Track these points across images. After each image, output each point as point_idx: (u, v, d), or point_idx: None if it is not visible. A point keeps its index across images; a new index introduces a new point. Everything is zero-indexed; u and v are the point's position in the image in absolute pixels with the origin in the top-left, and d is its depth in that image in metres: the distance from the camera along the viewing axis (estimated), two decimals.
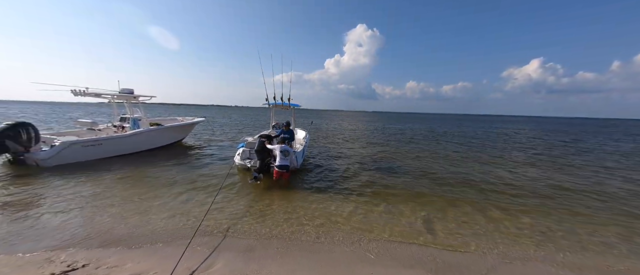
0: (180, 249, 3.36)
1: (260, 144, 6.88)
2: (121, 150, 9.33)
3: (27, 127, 7.60)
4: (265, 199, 5.51)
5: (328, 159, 10.28)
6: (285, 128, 8.30)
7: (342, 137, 18.74)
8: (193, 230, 3.84)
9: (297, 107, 10.69)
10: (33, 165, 7.46)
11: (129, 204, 4.95)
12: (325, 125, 32.07)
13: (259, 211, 4.84)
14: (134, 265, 3.01)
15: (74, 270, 2.81)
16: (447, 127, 35.20)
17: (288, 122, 12.20)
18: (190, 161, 9.24)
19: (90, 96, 9.32)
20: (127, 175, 7.00)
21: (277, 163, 6.20)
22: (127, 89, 10.44)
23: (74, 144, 7.98)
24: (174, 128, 11.93)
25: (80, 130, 10.31)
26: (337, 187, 6.58)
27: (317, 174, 7.88)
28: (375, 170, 8.68)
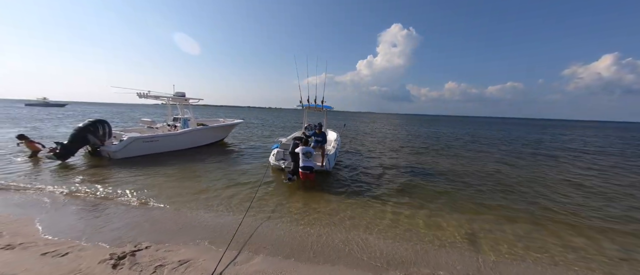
0: (224, 240, 3.65)
1: (294, 146, 7.11)
2: (173, 147, 10.48)
3: (103, 123, 9.02)
4: (299, 199, 5.67)
5: (361, 162, 10.13)
6: (317, 131, 8.33)
7: (375, 140, 18.30)
8: (235, 224, 4.13)
9: (330, 109, 10.79)
10: (106, 157, 8.81)
11: (180, 195, 5.52)
12: (357, 127, 31.70)
13: (294, 211, 5.00)
14: (186, 250, 3.37)
15: (139, 250, 3.26)
16: (492, 131, 31.91)
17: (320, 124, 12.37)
18: (230, 159, 9.94)
19: (151, 98, 10.70)
20: (178, 169, 7.83)
21: (300, 164, 6.33)
22: (180, 92, 11.70)
23: (137, 139, 9.21)
24: (217, 128, 12.99)
25: (142, 127, 11.85)
26: (372, 191, 6.45)
27: (350, 177, 7.83)
28: (411, 175, 8.28)
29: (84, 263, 2.94)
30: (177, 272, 2.89)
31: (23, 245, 3.24)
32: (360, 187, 6.73)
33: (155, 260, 3.08)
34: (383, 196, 6.09)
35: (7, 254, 3.05)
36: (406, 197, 6.11)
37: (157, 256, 3.18)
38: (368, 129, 31.18)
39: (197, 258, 3.17)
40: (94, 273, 2.78)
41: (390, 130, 29.54)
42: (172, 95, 11.41)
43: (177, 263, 3.04)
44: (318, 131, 8.30)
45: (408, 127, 37.22)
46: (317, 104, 9.91)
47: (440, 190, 6.75)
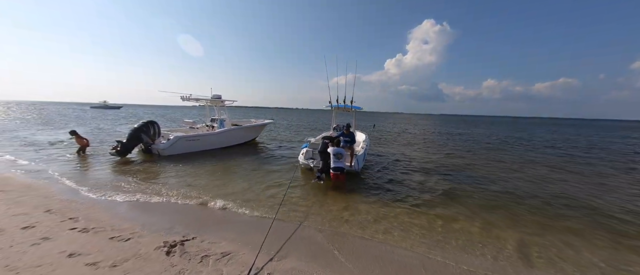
0: (259, 235, 3.83)
1: (323, 145, 7.17)
2: (211, 145, 11.29)
3: (154, 124, 10.06)
4: (328, 198, 5.72)
5: (390, 164, 9.84)
6: (345, 131, 8.26)
7: (404, 141, 17.62)
8: (268, 222, 4.30)
9: (359, 109, 10.66)
10: (155, 154, 9.81)
11: (218, 191, 5.92)
12: (385, 128, 30.84)
13: (323, 211, 5.04)
14: (227, 243, 3.60)
15: (187, 240, 3.58)
16: (542, 132, 28.53)
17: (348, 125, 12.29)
18: (262, 158, 10.38)
19: (192, 101, 11.65)
20: (216, 166, 8.41)
21: (331, 165, 6.33)
22: (216, 94, 12.56)
23: (182, 138, 10.09)
24: (249, 128, 13.66)
25: (185, 128, 12.97)
26: (401, 194, 6.23)
27: (379, 178, 7.65)
28: (445, 180, 7.80)
29: (142, 248, 3.31)
30: (221, 263, 3.11)
31: (95, 229, 3.77)
32: (390, 190, 6.55)
33: (201, 250, 3.36)
34: (412, 200, 5.86)
35: (84, 236, 3.57)
36: (441, 204, 5.77)
37: (203, 247, 3.46)
38: (397, 129, 30.15)
39: (237, 251, 3.38)
40: (151, 258, 3.12)
41: (420, 132, 28.20)
42: (210, 97, 12.30)
43: (219, 255, 3.27)
44: (346, 131, 8.23)
45: (440, 128, 35.16)
46: (345, 105, 9.88)
47: (479, 197, 6.27)
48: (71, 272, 2.75)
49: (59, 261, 2.91)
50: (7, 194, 5.01)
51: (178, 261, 3.08)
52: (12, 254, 2.96)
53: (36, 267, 2.76)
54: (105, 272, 2.79)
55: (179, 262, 3.07)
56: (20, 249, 3.09)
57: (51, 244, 3.28)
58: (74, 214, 4.26)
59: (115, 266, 2.89)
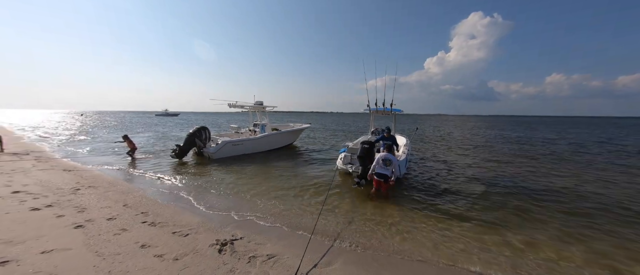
0: (301, 240, 3.87)
1: (362, 150, 6.97)
2: (253, 149, 11.98)
3: (205, 129, 11.12)
4: (368, 205, 5.51)
5: (434, 170, 9.09)
6: (386, 134, 7.85)
7: (449, 145, 16.18)
8: (309, 226, 4.32)
9: (399, 112, 10.16)
10: (206, 157, 10.80)
11: (261, 193, 6.20)
12: (426, 131, 28.86)
13: (364, 218, 4.88)
14: (271, 246, 3.71)
15: (236, 240, 3.79)
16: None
17: (388, 128, 11.81)
18: (301, 162, 10.60)
19: (237, 107, 12.58)
20: (258, 170, 8.85)
21: (376, 171, 5.88)
22: (259, 101, 13.34)
23: (228, 143, 10.94)
24: (288, 133, 14.14)
25: (231, 132, 14.05)
26: (447, 203, 5.67)
27: (422, 186, 7.10)
28: (500, 191, 6.86)
29: (199, 244, 3.61)
30: (266, 265, 3.20)
31: (161, 224, 4.26)
32: (435, 200, 6.02)
33: (249, 251, 3.51)
34: (462, 212, 5.27)
35: (152, 229, 4.06)
36: (501, 222, 5.07)
37: (250, 248, 3.61)
38: (440, 132, 27.96)
39: (281, 255, 3.44)
40: (206, 254, 3.37)
41: (469, 135, 25.64)
42: (253, 104, 13.12)
43: (265, 256, 3.37)
44: (387, 135, 7.85)
45: (493, 131, 31.46)
46: (385, 107, 9.50)
47: (540, 214, 5.32)
48: (143, 261, 3.12)
49: (134, 251, 3.35)
50: (97, 189, 6.03)
51: (229, 259, 3.27)
52: (100, 242, 3.51)
53: (116, 255, 3.21)
54: (169, 264, 3.10)
55: (229, 260, 3.25)
56: (105, 238, 3.64)
57: (128, 234, 3.80)
58: (145, 209, 4.90)
59: (177, 259, 3.19)
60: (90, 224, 4.06)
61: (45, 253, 3.11)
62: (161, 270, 2.94)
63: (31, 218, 4.12)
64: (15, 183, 5.94)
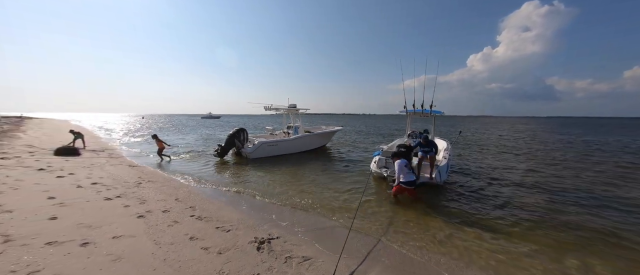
0: (336, 244, 3.82)
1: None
2: (287, 151, 12.34)
3: (244, 131, 11.83)
4: (405, 212, 5.25)
5: (480, 177, 8.23)
6: (423, 141, 7.09)
7: (498, 150, 14.52)
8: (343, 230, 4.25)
9: (440, 114, 9.47)
10: (244, 156, 11.46)
11: (295, 194, 6.34)
12: (470, 134, 26.45)
13: (402, 225, 4.65)
14: (306, 248, 3.74)
15: (272, 239, 3.91)
16: None
17: (426, 131, 11.11)
18: (333, 165, 10.57)
19: (272, 110, 13.13)
20: (291, 171, 9.07)
21: (402, 179, 5.64)
22: (292, 104, 13.73)
23: (264, 143, 11.46)
24: (321, 135, 14.25)
25: (266, 134, 14.71)
26: (492, 215, 5.07)
27: (465, 194, 6.48)
28: (560, 206, 5.91)
29: (239, 241, 3.81)
30: (302, 267, 3.23)
31: (206, 218, 4.62)
32: (483, 211, 5.44)
33: (285, 251, 3.58)
34: (511, 225, 4.67)
35: (199, 223, 4.42)
36: (560, 243, 4.35)
37: (286, 248, 3.69)
38: (485, 136, 25.37)
39: (316, 258, 3.44)
40: (246, 250, 3.54)
41: (521, 138, 22.77)
42: (287, 106, 13.55)
43: (301, 258, 3.40)
44: (424, 142, 7.06)
45: (552, 134, 27.48)
46: (424, 109, 8.94)
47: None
48: (191, 252, 3.41)
49: (184, 242, 3.68)
50: (154, 183, 6.82)
51: (267, 258, 3.38)
52: (156, 232, 3.94)
53: (170, 245, 3.56)
54: (213, 257, 3.32)
55: (267, 259, 3.36)
56: (161, 228, 4.07)
57: (180, 226, 4.19)
58: (193, 204, 5.37)
59: (220, 253, 3.41)
60: (150, 214, 4.59)
61: (115, 238, 3.59)
62: (207, 263, 3.17)
63: (105, 206, 4.82)
64: (93, 176, 7.04)
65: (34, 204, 4.62)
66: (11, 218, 3.92)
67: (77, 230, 3.71)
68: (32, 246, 3.17)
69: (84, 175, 6.96)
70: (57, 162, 8.48)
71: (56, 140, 13.65)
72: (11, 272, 2.64)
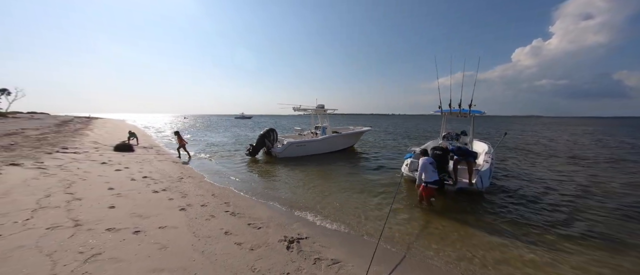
0: (365, 248, 3.71)
1: (434, 157, 6.25)
2: (315, 151, 12.42)
3: (273, 131, 12.20)
4: (442, 220, 4.89)
5: (529, 185, 7.34)
6: (457, 152, 6.57)
7: (550, 154, 12.84)
8: (373, 235, 4.13)
9: (480, 114, 8.68)
10: (274, 156, 11.82)
11: (325, 195, 6.33)
12: (516, 136, 23.86)
13: (438, 233, 4.35)
14: (335, 250, 3.69)
15: (302, 239, 3.94)
16: None
17: (464, 132, 10.28)
18: (362, 167, 10.35)
19: (301, 110, 13.33)
20: (320, 171, 9.10)
21: (426, 179, 5.36)
22: (320, 104, 13.80)
23: (292, 144, 11.69)
24: (349, 135, 14.08)
25: (295, 134, 15.00)
26: (545, 230, 4.44)
27: (509, 203, 5.82)
28: (628, 218, 4.96)
29: (270, 238, 3.91)
30: (332, 270, 3.19)
31: (239, 215, 4.84)
32: (530, 223, 4.82)
33: (314, 252, 3.58)
34: (568, 242, 3.99)
35: (233, 219, 4.65)
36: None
37: (315, 248, 3.69)
38: (534, 139, 22.68)
39: (346, 262, 3.37)
40: (276, 248, 3.62)
41: (581, 142, 19.89)
42: (315, 107, 13.66)
43: (330, 261, 3.36)
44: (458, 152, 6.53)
45: (618, 137, 23.49)
46: (461, 109, 8.28)
47: None
48: (226, 246, 3.58)
49: (219, 236, 3.89)
50: (194, 179, 7.38)
51: (296, 258, 3.41)
52: (196, 224, 4.23)
53: (207, 238, 3.80)
54: (246, 252, 3.46)
55: (297, 258, 3.39)
56: (200, 222, 4.37)
57: (216, 221, 4.45)
58: (227, 200, 5.68)
59: (252, 250, 3.54)
60: (190, 208, 4.96)
61: (161, 228, 3.95)
62: (240, 258, 3.30)
63: (153, 198, 5.34)
64: (144, 170, 7.87)
65: (97, 193, 5.31)
66: (80, 205, 4.55)
67: (130, 219, 4.16)
68: (96, 231, 3.63)
69: (136, 169, 7.81)
70: (116, 157, 9.67)
71: (115, 138, 15.59)
72: (79, 253, 3.05)
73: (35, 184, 5.45)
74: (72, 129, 20.68)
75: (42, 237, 3.32)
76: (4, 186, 5.08)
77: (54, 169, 6.81)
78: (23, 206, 4.22)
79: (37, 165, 7.03)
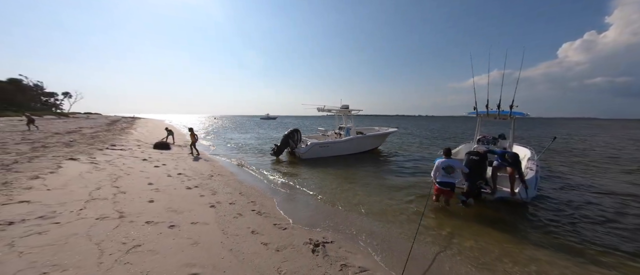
0: (396, 260, 3.51)
1: (470, 162, 5.77)
2: (338, 152, 12.27)
3: (297, 132, 12.30)
4: (479, 230, 4.47)
5: (583, 197, 6.44)
6: (507, 157, 5.65)
7: (610, 160, 11.20)
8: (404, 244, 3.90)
9: (523, 116, 7.84)
10: (297, 156, 11.91)
11: (350, 199, 6.17)
12: (563, 139, 21.36)
13: (475, 248, 3.96)
14: (362, 257, 3.54)
15: (327, 243, 3.85)
16: None
17: (502, 136, 9.44)
18: (387, 169, 9.98)
19: (325, 111, 13.29)
20: (345, 173, 8.93)
21: (439, 179, 5.39)
22: (345, 104, 13.62)
23: (316, 144, 11.67)
24: (373, 137, 13.71)
25: (319, 135, 15.00)
26: (600, 249, 3.80)
27: (559, 218, 5.13)
28: None
29: (295, 240, 3.89)
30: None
31: (265, 214, 4.91)
32: (587, 242, 4.16)
33: (340, 257, 3.47)
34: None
35: (259, 218, 4.72)
36: None
37: (340, 254, 3.57)
38: (588, 144, 20.08)
39: (374, 271, 3.22)
40: (301, 251, 3.58)
41: None
42: (340, 107, 13.51)
43: (358, 269, 3.23)
44: (508, 157, 5.64)
45: None
46: (500, 110, 7.56)
47: None
48: (253, 246, 3.63)
49: (247, 234, 3.96)
50: (223, 177, 7.70)
51: (322, 262, 3.33)
52: (225, 222, 4.37)
53: (235, 236, 3.88)
54: (272, 253, 3.46)
55: (322, 263, 3.30)
56: (228, 219, 4.50)
57: (243, 219, 4.56)
58: (253, 199, 5.81)
59: (278, 251, 3.53)
60: (219, 205, 5.14)
61: (193, 224, 4.13)
62: (266, 258, 3.31)
63: (187, 195, 5.65)
64: (179, 167, 8.41)
65: (139, 187, 5.76)
66: (124, 198, 4.96)
67: (166, 214, 4.43)
68: (136, 223, 3.91)
69: (172, 166, 8.38)
70: (155, 154, 10.49)
71: (154, 136, 16.99)
72: (122, 244, 3.29)
73: (88, 177, 6.08)
74: (119, 128, 23.00)
75: (92, 226, 3.66)
76: (64, 178, 5.74)
77: (103, 164, 7.57)
78: (78, 197, 4.72)
79: (91, 160, 7.87)
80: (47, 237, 3.27)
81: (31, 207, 4.09)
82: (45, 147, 9.48)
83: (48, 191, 4.88)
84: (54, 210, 4.03)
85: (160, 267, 2.86)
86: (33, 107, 53.13)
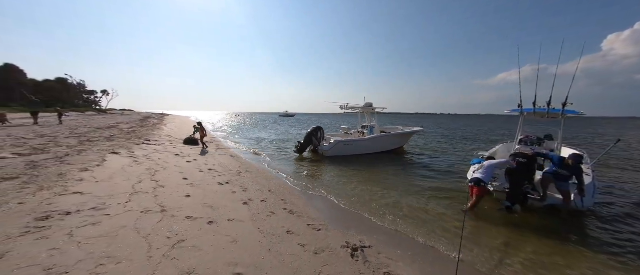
0: (444, 271, 3.29)
1: (519, 165, 5.29)
2: (362, 151, 12.01)
3: (321, 129, 12.22)
4: (532, 241, 4.07)
5: None
6: (569, 162, 4.88)
7: None
8: (448, 253, 3.65)
9: (576, 114, 7.05)
10: (320, 154, 11.82)
11: (380, 200, 5.97)
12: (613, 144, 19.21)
13: (527, 261, 3.60)
14: (404, 266, 3.33)
15: (365, 247, 3.70)
16: None
17: (549, 136, 8.66)
18: (414, 169, 9.56)
19: (348, 109, 13.04)
20: (370, 173, 8.69)
21: (472, 176, 5.33)
22: (368, 102, 13.28)
23: (339, 142, 11.50)
24: (398, 136, 13.25)
25: (341, 133, 14.80)
26: None
27: (619, 228, 4.51)
28: None
29: (332, 242, 3.78)
30: None
31: (297, 214, 4.85)
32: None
33: (382, 265, 3.30)
34: None
35: (292, 217, 4.67)
36: None
37: (381, 261, 3.40)
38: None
39: None
40: (340, 255, 3.45)
41: None
42: (363, 106, 13.20)
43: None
44: (571, 163, 4.86)
45: None
46: (550, 108, 6.86)
47: None
48: (290, 247, 3.57)
49: (282, 234, 3.92)
50: (251, 174, 7.81)
51: (363, 269, 3.18)
52: (259, 220, 4.37)
53: (272, 235, 3.85)
54: (311, 256, 3.37)
55: (364, 270, 3.15)
56: (262, 217, 4.50)
57: (276, 218, 4.53)
58: (283, 197, 5.79)
59: (316, 254, 3.44)
60: (251, 202, 5.18)
61: (230, 221, 4.17)
62: (306, 261, 3.23)
63: (220, 191, 5.77)
64: (209, 163, 8.67)
65: (175, 182, 5.98)
66: (164, 192, 5.16)
67: (203, 209, 4.52)
68: (178, 218, 4.02)
69: (203, 162, 8.66)
70: (186, 149, 10.94)
71: (183, 132, 17.79)
72: (167, 238, 3.38)
73: (130, 170, 6.43)
74: (151, 124, 24.43)
75: (138, 219, 3.81)
76: (109, 171, 6.12)
77: (142, 158, 7.99)
78: (123, 190, 4.97)
79: (130, 154, 8.35)
80: (100, 228, 3.44)
81: (84, 198, 4.37)
82: (90, 142, 10.25)
83: (96, 183, 5.20)
84: (103, 202, 4.27)
85: (205, 265, 2.89)
86: (76, 104, 58.44)
